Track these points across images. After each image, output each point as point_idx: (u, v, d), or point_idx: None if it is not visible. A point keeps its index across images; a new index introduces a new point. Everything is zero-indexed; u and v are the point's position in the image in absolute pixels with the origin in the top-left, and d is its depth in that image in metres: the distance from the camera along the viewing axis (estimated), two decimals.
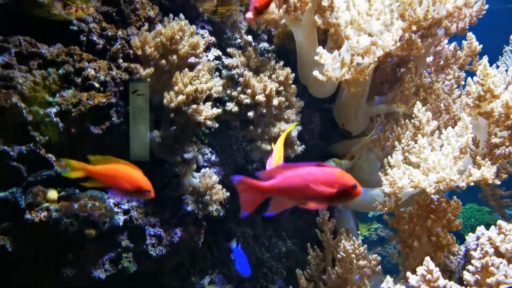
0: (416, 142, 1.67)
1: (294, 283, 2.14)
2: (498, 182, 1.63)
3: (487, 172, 1.57)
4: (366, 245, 1.85)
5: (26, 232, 1.50)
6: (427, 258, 1.45)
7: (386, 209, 1.72)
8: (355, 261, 1.80)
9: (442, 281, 1.39)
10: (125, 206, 1.69)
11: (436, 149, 1.65)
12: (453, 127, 1.67)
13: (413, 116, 1.77)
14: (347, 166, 2.33)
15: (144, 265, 1.76)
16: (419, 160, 1.65)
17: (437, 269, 1.42)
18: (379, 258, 1.81)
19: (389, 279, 1.46)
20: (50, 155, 1.56)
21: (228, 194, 1.89)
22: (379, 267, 1.79)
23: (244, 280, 2.21)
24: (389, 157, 1.81)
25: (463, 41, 2.17)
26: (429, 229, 1.67)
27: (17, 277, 1.54)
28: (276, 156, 1.62)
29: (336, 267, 1.84)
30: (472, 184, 1.62)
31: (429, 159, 1.59)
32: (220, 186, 1.85)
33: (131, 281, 1.83)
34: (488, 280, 1.32)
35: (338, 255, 1.83)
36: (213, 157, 1.97)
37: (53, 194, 1.57)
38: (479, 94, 1.66)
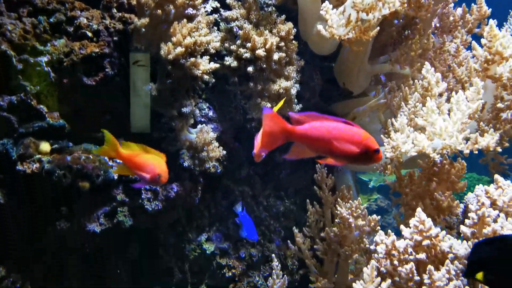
0: (423, 104, 1.62)
1: (292, 243, 2.14)
2: (499, 149, 1.60)
3: (492, 140, 1.53)
4: (365, 205, 1.83)
5: (18, 183, 1.47)
6: (419, 209, 1.43)
7: (387, 171, 1.68)
8: (353, 224, 1.78)
9: (434, 230, 1.37)
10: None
11: (444, 112, 1.61)
12: (457, 91, 1.62)
13: (422, 77, 1.71)
14: None
15: (140, 220, 1.74)
16: (425, 123, 1.60)
17: (429, 219, 1.40)
18: (378, 217, 1.78)
19: (381, 232, 1.44)
20: (42, 106, 1.52)
21: (224, 152, 1.86)
22: (379, 226, 1.78)
23: (241, 239, 2.20)
24: (393, 119, 1.76)
25: (472, 4, 2.10)
26: (432, 192, 1.64)
27: (9, 229, 1.53)
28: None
29: (334, 225, 1.82)
30: (476, 152, 1.59)
31: (437, 124, 1.55)
32: (217, 144, 1.81)
33: (127, 237, 1.82)
34: (485, 231, 1.30)
35: (337, 211, 1.81)
36: (211, 113, 1.93)
37: (45, 146, 1.53)
38: (486, 58, 1.60)
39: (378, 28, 1.65)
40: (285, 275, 1.66)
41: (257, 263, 2.18)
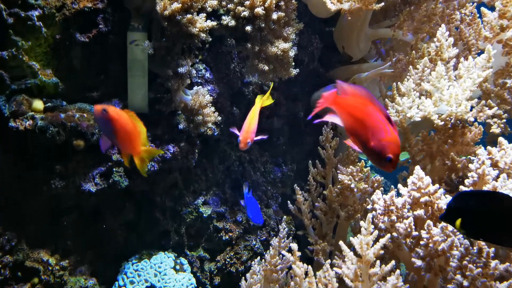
0: (432, 70, 1.60)
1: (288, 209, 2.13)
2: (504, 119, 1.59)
3: (498, 110, 1.52)
4: (369, 168, 1.81)
5: (12, 141, 1.45)
6: (417, 167, 1.42)
7: None
8: (355, 189, 1.76)
9: (432, 188, 1.36)
10: None
11: (452, 79, 1.58)
12: (466, 57, 1.59)
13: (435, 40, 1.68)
14: None
15: (136, 181, 1.73)
16: (432, 89, 1.58)
17: (428, 177, 1.39)
18: (381, 178, 1.77)
19: (378, 191, 1.43)
20: (34, 62, 1.48)
21: (220, 118, 1.83)
22: (382, 188, 1.77)
23: (238, 203, 2.19)
24: (399, 83, 1.73)
25: None
26: (445, 153, 1.62)
27: (4, 187, 1.51)
28: (249, 124, 1.57)
29: (337, 184, 1.80)
30: (481, 120, 1.57)
31: (445, 90, 1.52)
32: (213, 108, 1.78)
33: (123, 199, 1.82)
34: (485, 188, 1.29)
35: (339, 176, 1.80)
36: (208, 74, 1.89)
37: (38, 104, 1.51)
38: (500, 24, 1.56)
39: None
40: (290, 237, 1.65)
41: (254, 227, 2.18)
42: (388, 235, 1.32)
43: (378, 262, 1.30)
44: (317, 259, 1.73)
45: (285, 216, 2.29)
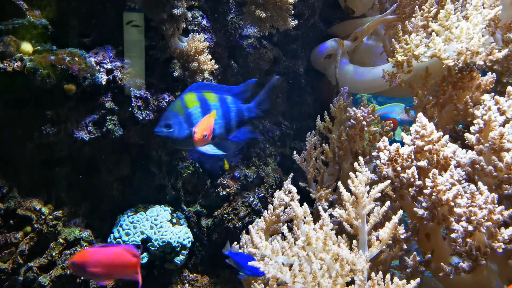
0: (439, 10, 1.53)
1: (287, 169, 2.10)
2: None
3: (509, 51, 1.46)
4: (379, 113, 1.76)
5: (1, 83, 1.39)
6: (420, 114, 1.37)
7: (395, 80, 1.61)
8: (366, 128, 1.71)
9: (436, 135, 1.32)
10: (108, 66, 1.57)
11: (460, 19, 1.51)
12: None
13: None
14: (349, 47, 2.19)
15: (130, 131, 1.67)
16: (440, 29, 1.51)
17: (432, 123, 1.35)
18: (392, 124, 1.72)
19: (385, 138, 1.39)
20: (21, 1, 1.41)
21: (217, 66, 1.77)
22: (391, 133, 1.72)
23: (237, 155, 2.15)
24: (406, 22, 1.67)
25: None
26: (456, 99, 1.58)
27: None
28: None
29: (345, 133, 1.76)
30: (490, 64, 1.51)
31: (454, 27, 1.46)
32: (209, 56, 1.72)
33: (118, 151, 1.77)
34: (491, 134, 1.25)
35: (348, 123, 1.74)
36: (204, 21, 1.82)
37: (27, 46, 1.44)
38: None
39: None
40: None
41: (252, 184, 2.14)
42: (388, 181, 1.28)
43: (376, 207, 1.27)
44: (319, 204, 1.69)
45: (284, 177, 2.26)
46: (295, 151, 1.88)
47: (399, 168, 1.36)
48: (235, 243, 1.63)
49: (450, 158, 1.34)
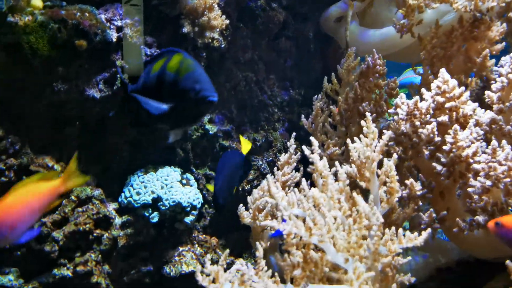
0: None
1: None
2: None
3: None
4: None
5: (10, 37, 1.37)
6: (442, 70, 1.35)
7: (405, 29, 1.59)
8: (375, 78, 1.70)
9: (457, 90, 1.30)
10: (118, 23, 1.54)
11: None
12: None
13: None
14: (359, 8, 2.15)
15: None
16: None
17: (454, 79, 1.33)
18: (398, 82, 1.71)
19: (402, 94, 1.37)
20: None
21: (227, 21, 1.74)
22: (398, 89, 1.71)
23: (245, 122, 2.15)
24: None
25: None
26: (464, 50, 1.55)
27: (4, 89, 1.45)
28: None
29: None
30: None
31: None
32: (219, 12, 1.69)
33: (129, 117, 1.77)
34: None
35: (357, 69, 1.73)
36: None
37: (37, 1, 1.41)
38: None
39: None
40: (298, 152, 1.60)
41: (260, 148, 2.14)
42: (390, 132, 1.25)
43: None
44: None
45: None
46: (302, 115, 1.87)
47: (417, 123, 1.34)
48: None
49: (470, 116, 1.32)
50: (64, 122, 1.60)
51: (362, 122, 1.26)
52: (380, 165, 1.21)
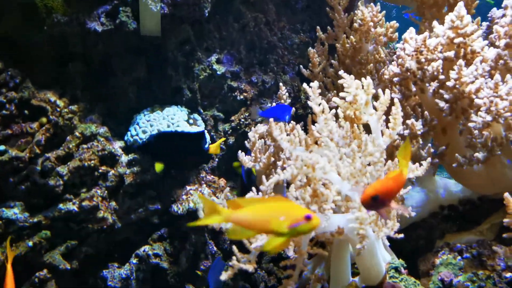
0: None
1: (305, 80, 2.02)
2: None
3: None
4: (384, 12, 1.67)
5: None
6: (460, 3, 1.28)
7: None
8: (372, 29, 1.64)
9: (470, 28, 1.24)
10: None
11: None
12: None
13: None
14: None
15: (144, 25, 1.60)
16: None
17: (469, 16, 1.26)
18: (397, 25, 1.64)
19: (411, 28, 1.31)
20: None
21: None
22: (396, 34, 1.64)
23: (254, 64, 2.08)
24: None
25: None
26: None
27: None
28: None
29: (351, 37, 1.69)
30: None
31: None
32: None
33: (133, 54, 1.72)
34: None
35: (355, 24, 1.67)
36: None
37: None
38: None
39: None
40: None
41: (269, 90, 2.08)
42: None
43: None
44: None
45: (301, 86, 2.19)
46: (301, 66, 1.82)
47: (423, 60, 1.29)
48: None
49: (478, 53, 1.27)
50: (68, 59, 1.57)
51: None
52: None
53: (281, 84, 1.80)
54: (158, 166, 1.61)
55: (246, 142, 1.54)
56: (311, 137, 1.20)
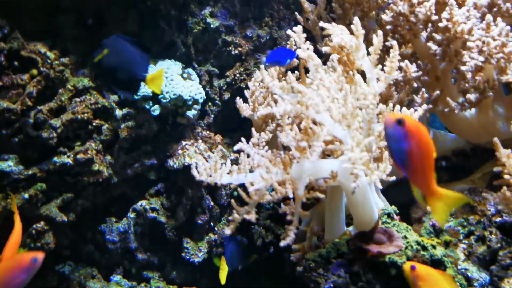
0: None
1: None
2: None
3: None
4: None
5: None
6: None
7: None
8: None
9: None
10: None
11: None
12: None
13: None
14: None
15: None
16: None
17: None
18: None
19: None
20: None
21: None
22: None
23: (249, 18, 2.04)
24: None
25: None
26: None
27: None
28: None
29: None
30: None
31: None
32: None
33: (125, 7, 1.68)
34: None
35: None
36: None
37: None
38: None
39: None
40: None
41: (264, 45, 2.05)
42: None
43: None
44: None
45: None
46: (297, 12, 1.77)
47: (415, 1, 1.27)
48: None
49: None
50: (58, 10, 1.53)
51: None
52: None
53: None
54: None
55: (245, 91, 1.51)
56: (303, 83, 1.18)
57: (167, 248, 1.84)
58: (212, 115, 1.96)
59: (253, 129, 1.17)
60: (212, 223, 1.89)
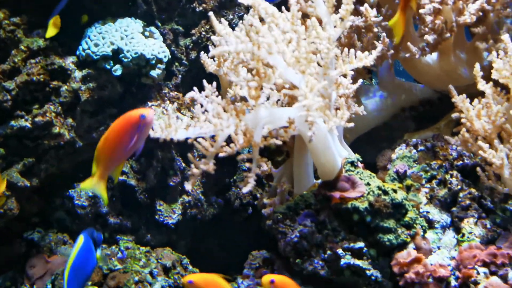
0: None
1: None
2: None
3: None
4: None
5: None
6: None
7: None
8: None
9: None
10: None
11: None
12: None
13: None
14: None
15: None
16: None
17: None
18: None
19: None
20: None
21: None
22: None
23: None
24: None
25: None
26: None
27: None
28: None
29: None
30: None
31: None
32: None
33: None
34: None
35: None
36: None
37: None
38: None
39: None
40: None
41: (231, 1, 1.99)
42: None
43: None
44: None
45: None
46: None
47: None
48: None
49: None
50: None
51: None
52: None
53: None
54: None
55: (210, 46, 1.45)
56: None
57: (140, 211, 1.83)
58: (180, 75, 1.91)
59: (204, 81, 1.13)
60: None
